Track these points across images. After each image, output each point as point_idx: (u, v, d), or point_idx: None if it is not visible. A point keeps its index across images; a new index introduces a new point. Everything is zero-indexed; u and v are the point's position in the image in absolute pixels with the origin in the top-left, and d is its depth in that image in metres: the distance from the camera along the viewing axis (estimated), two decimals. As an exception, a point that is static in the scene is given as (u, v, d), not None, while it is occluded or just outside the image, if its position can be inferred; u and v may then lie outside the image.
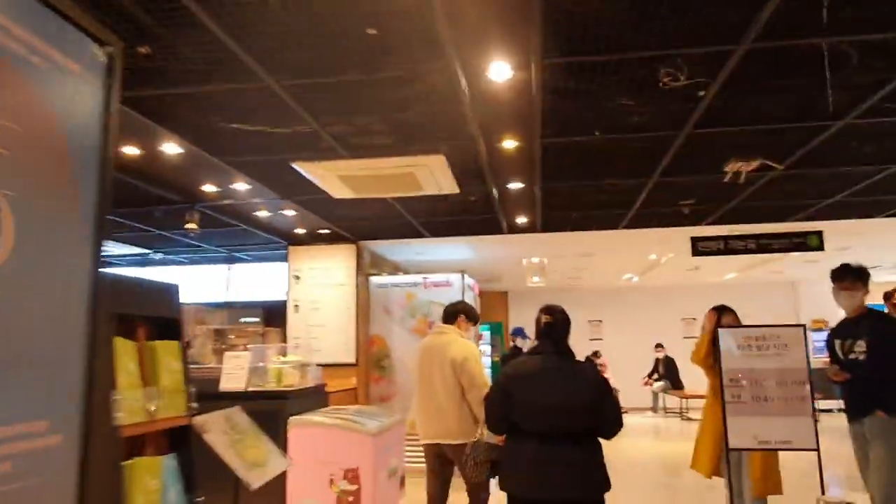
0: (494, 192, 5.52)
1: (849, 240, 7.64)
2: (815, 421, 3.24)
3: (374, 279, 7.74)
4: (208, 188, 5.24)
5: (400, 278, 7.77)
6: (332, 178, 4.67)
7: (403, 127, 3.90)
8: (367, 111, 3.67)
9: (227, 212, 6.09)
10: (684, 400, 11.94)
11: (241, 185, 5.17)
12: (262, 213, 6.25)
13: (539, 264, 10.22)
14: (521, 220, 6.76)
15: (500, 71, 3.12)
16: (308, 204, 5.84)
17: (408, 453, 5.89)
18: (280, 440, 4.21)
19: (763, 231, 6.88)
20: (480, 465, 3.04)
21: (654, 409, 12.78)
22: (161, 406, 1.83)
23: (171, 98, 3.39)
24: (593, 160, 4.64)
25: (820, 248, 6.58)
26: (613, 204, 6.09)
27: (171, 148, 4.21)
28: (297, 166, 4.49)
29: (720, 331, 3.32)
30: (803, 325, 3.38)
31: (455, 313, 4.11)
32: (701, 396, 12.00)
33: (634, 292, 13.94)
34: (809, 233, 6.60)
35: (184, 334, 2.02)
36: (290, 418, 4.34)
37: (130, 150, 4.24)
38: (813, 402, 3.25)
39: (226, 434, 2.26)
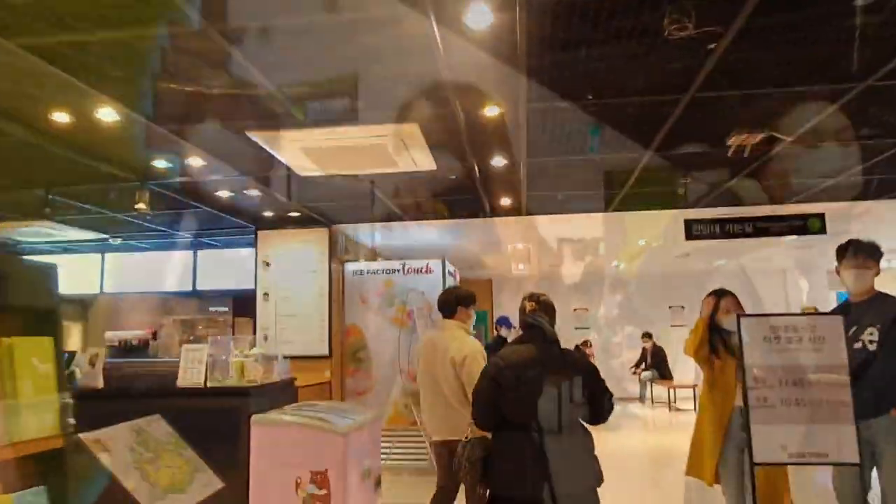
0: (476, 169, 5.07)
1: (847, 224, 7.29)
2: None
3: (350, 265, 7.29)
4: (159, 163, 4.72)
5: (377, 264, 7.33)
6: (294, 150, 4.19)
7: (370, 88, 3.43)
8: (327, 67, 3.19)
9: (185, 192, 5.58)
10: (672, 390, 11.70)
11: (195, 160, 4.66)
12: (224, 193, 5.74)
13: (524, 251, 9.85)
14: (505, 201, 6.33)
15: (479, 15, 2.66)
16: (273, 183, 5.36)
17: (388, 450, 5.53)
18: (241, 441, 3.88)
19: (761, 214, 6.51)
20: (474, 464, 2.80)
21: (642, 399, 12.59)
22: (20, 424, 1.36)
23: (83, 46, 2.87)
24: (584, 130, 4.21)
25: (822, 231, 6.19)
26: (604, 183, 5.69)
27: (107, 114, 3.70)
28: (253, 136, 4.00)
29: (742, 320, 2.84)
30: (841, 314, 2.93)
31: (453, 307, 3.88)
32: (689, 387, 11.76)
33: (621, 280, 13.66)
34: (811, 215, 6.21)
35: (61, 329, 1.54)
36: (253, 417, 3.95)
37: (60, 117, 3.73)
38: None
39: (132, 452, 1.80)
